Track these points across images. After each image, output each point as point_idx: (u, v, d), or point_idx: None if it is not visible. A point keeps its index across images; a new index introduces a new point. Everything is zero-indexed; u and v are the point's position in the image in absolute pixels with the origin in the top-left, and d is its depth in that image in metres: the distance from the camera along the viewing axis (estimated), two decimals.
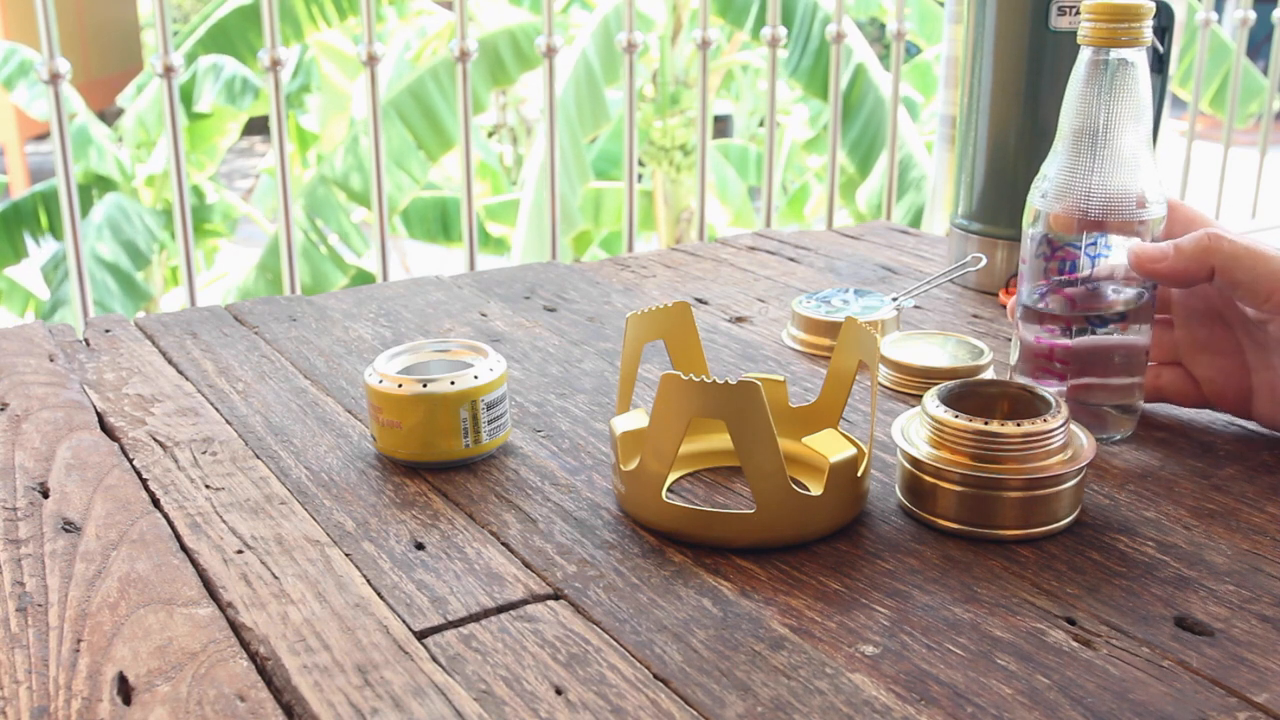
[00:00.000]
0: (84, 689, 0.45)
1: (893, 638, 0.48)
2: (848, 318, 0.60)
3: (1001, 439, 0.55)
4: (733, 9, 4.51)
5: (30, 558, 0.54)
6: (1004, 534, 0.55)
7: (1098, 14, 0.60)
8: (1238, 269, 0.60)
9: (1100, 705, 0.44)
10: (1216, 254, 0.60)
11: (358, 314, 0.92)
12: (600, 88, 4.38)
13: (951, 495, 0.56)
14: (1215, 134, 3.07)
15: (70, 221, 1.45)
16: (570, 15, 5.99)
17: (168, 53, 1.42)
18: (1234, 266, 0.60)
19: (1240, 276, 0.60)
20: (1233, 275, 0.60)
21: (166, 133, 1.51)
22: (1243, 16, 2.55)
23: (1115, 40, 0.60)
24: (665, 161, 5.57)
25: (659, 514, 0.56)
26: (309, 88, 5.47)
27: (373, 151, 1.61)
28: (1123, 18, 0.59)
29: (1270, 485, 0.62)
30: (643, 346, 0.63)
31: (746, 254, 1.11)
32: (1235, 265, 0.60)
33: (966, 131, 0.96)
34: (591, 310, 0.93)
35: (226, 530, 0.57)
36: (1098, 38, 0.60)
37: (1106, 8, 0.59)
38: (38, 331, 0.87)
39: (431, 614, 0.50)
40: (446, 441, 0.63)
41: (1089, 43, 0.60)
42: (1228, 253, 0.60)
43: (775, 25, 1.82)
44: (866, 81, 4.37)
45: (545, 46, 1.65)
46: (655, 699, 0.44)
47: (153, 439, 0.68)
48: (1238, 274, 0.60)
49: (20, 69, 4.74)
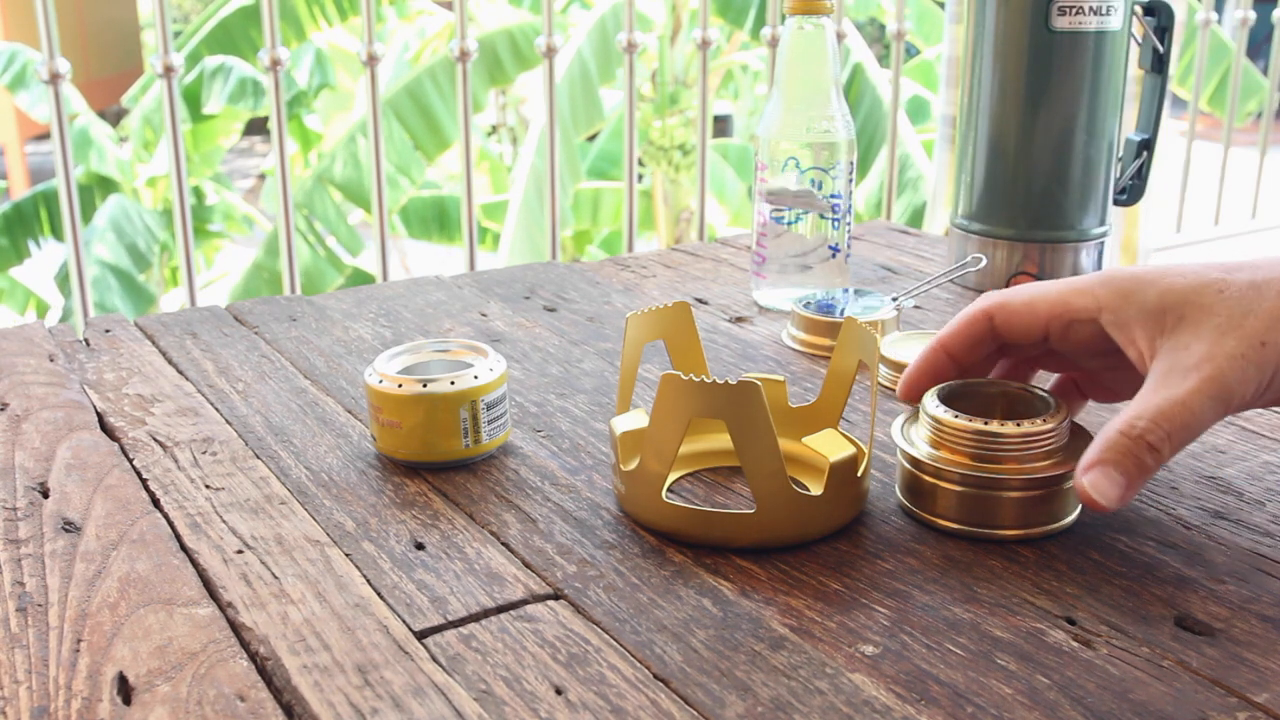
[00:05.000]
0: (84, 689, 0.45)
1: (893, 638, 0.48)
2: (848, 318, 0.60)
3: (1001, 439, 0.55)
4: (733, 9, 4.52)
5: (30, 558, 0.54)
6: (1004, 534, 0.55)
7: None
8: (1016, 328, 0.57)
9: (1100, 705, 0.44)
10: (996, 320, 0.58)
11: (358, 314, 0.92)
12: (594, 87, 4.39)
13: (951, 495, 0.56)
14: (1215, 134, 3.07)
15: (70, 222, 1.45)
16: (569, 15, 5.99)
17: (168, 53, 1.42)
18: (1013, 327, 0.57)
19: (1020, 333, 0.57)
20: (1014, 332, 0.57)
21: (167, 133, 1.51)
22: (1243, 16, 2.55)
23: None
24: (664, 161, 5.58)
25: (659, 514, 0.56)
26: (327, 85, 5.47)
27: (373, 152, 1.61)
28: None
29: (1270, 485, 0.62)
30: (643, 346, 0.63)
31: (746, 254, 1.11)
32: (1014, 326, 0.57)
33: (966, 131, 0.96)
34: (591, 310, 0.93)
35: (226, 530, 0.57)
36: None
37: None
38: (38, 331, 0.87)
39: (431, 614, 0.50)
40: (446, 441, 0.63)
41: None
42: (1001, 322, 0.57)
43: (775, 25, 1.82)
44: (864, 81, 4.37)
45: (545, 46, 1.65)
46: (655, 699, 0.44)
47: (153, 439, 0.68)
48: (1016, 331, 0.57)
49: (20, 69, 4.74)
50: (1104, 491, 0.51)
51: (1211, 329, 0.52)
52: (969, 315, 0.59)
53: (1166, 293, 0.53)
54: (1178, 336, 0.52)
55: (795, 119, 0.88)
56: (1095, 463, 0.52)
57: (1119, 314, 0.54)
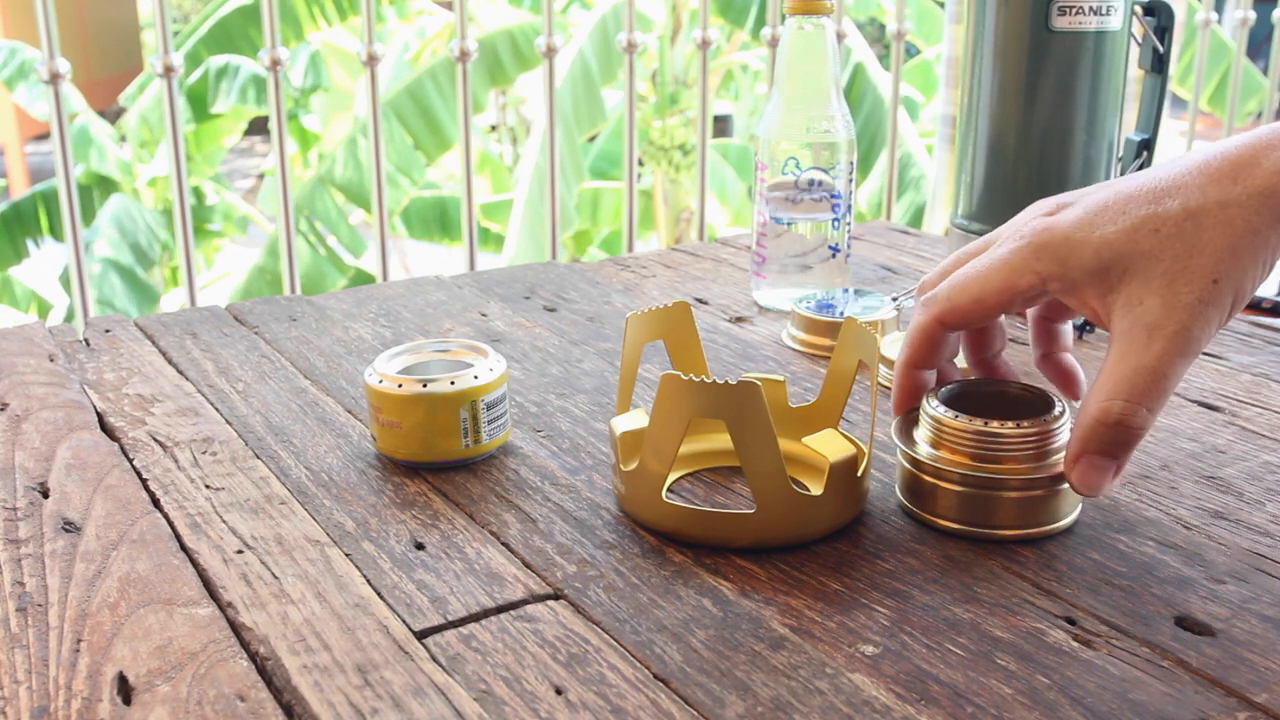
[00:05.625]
0: (84, 689, 0.45)
1: (893, 638, 0.48)
2: (848, 318, 0.60)
3: (1001, 439, 0.55)
4: (733, 9, 4.51)
5: (30, 558, 0.54)
6: (1004, 534, 0.55)
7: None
8: (971, 323, 0.56)
9: (1100, 705, 0.44)
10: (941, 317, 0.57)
11: (358, 314, 0.92)
12: (597, 87, 4.39)
13: (952, 495, 0.56)
14: (1215, 134, 3.07)
15: (70, 222, 1.45)
16: (569, 15, 5.99)
17: (168, 53, 1.42)
18: (957, 313, 0.56)
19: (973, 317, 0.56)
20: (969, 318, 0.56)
21: (167, 133, 1.51)
22: (1243, 16, 2.55)
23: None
24: (664, 161, 5.58)
25: (659, 514, 0.56)
26: (319, 87, 5.47)
27: (373, 152, 1.61)
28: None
29: (1270, 485, 0.62)
30: (643, 346, 0.63)
31: (746, 254, 1.11)
32: (968, 322, 0.56)
33: (966, 131, 0.96)
34: (591, 310, 0.93)
35: (226, 530, 0.57)
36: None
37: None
38: (38, 331, 0.87)
39: (431, 614, 0.50)
40: (446, 441, 0.63)
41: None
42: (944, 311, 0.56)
43: (775, 25, 1.82)
44: (865, 81, 4.37)
45: (545, 47, 1.65)
46: (655, 699, 0.44)
47: (153, 439, 0.68)
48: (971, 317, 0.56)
49: (20, 69, 4.74)
50: (1093, 483, 0.52)
51: (1160, 277, 0.50)
52: (921, 329, 0.57)
53: (1102, 248, 0.51)
54: (1128, 290, 0.51)
55: (795, 119, 0.88)
56: (1079, 455, 0.52)
57: (1064, 280, 0.52)
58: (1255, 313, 0.99)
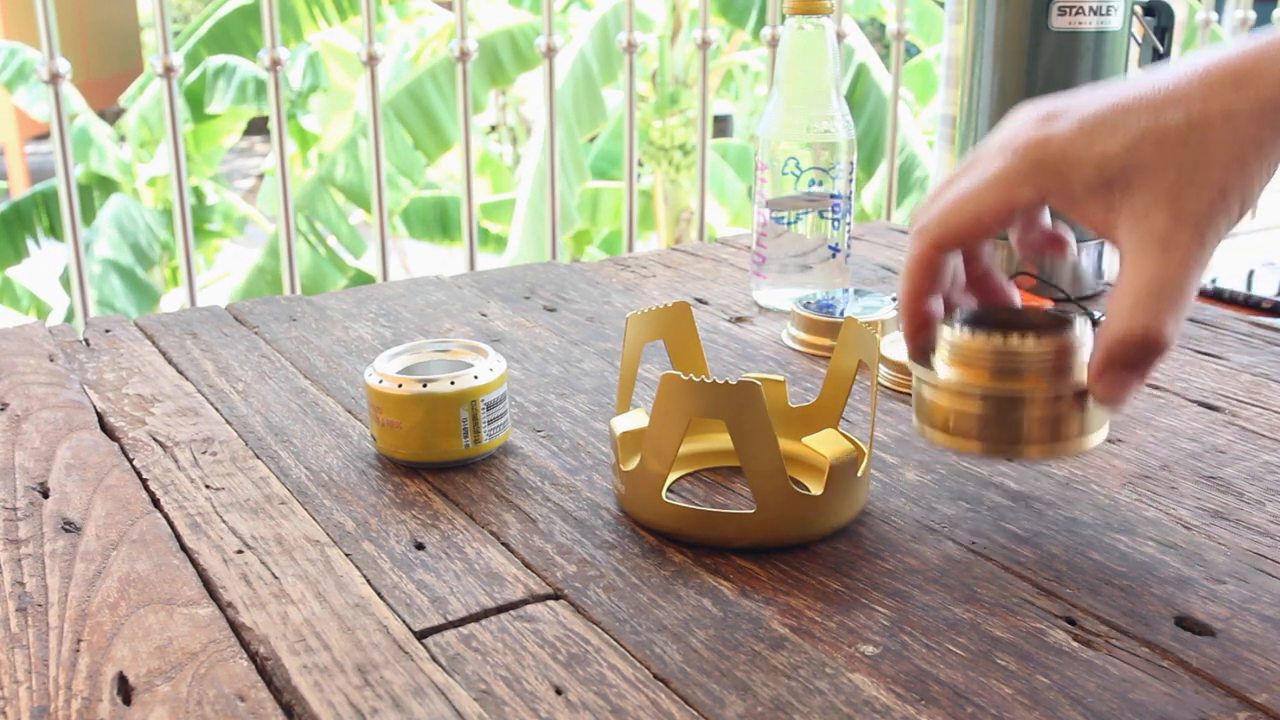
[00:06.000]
0: (84, 689, 0.45)
1: (893, 638, 0.48)
2: (848, 318, 0.60)
3: (1022, 355, 0.52)
4: (733, 9, 4.51)
5: (30, 558, 0.54)
6: (1029, 451, 0.53)
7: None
8: (968, 242, 0.55)
9: (1100, 705, 0.44)
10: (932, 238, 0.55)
11: (358, 314, 0.92)
12: (597, 87, 4.39)
13: (973, 417, 0.53)
14: None
15: (70, 222, 1.45)
16: (569, 15, 5.99)
17: (168, 53, 1.42)
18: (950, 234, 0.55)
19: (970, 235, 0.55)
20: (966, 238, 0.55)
21: (167, 133, 1.51)
22: (1243, 16, 2.55)
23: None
24: (664, 161, 5.58)
25: (659, 514, 0.56)
26: (318, 87, 5.47)
27: (373, 152, 1.61)
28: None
29: (1270, 485, 0.62)
30: (643, 346, 0.63)
31: (746, 254, 1.11)
32: (964, 242, 0.55)
33: (966, 131, 0.96)
34: (591, 310, 0.93)
35: (226, 530, 0.57)
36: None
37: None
38: (38, 331, 0.87)
39: (431, 614, 0.50)
40: (446, 441, 0.63)
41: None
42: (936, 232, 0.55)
43: (775, 25, 1.82)
44: (868, 82, 4.37)
45: (545, 46, 1.65)
46: (655, 699, 0.44)
47: (153, 439, 0.68)
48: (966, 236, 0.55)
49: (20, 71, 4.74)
50: (1119, 396, 0.51)
51: (1167, 190, 0.49)
52: (918, 259, 0.55)
53: (1104, 163, 0.50)
54: (1133, 204, 0.49)
55: (795, 119, 0.88)
56: (1104, 370, 0.51)
57: (1064, 194, 0.51)
58: (1255, 312, 0.99)
